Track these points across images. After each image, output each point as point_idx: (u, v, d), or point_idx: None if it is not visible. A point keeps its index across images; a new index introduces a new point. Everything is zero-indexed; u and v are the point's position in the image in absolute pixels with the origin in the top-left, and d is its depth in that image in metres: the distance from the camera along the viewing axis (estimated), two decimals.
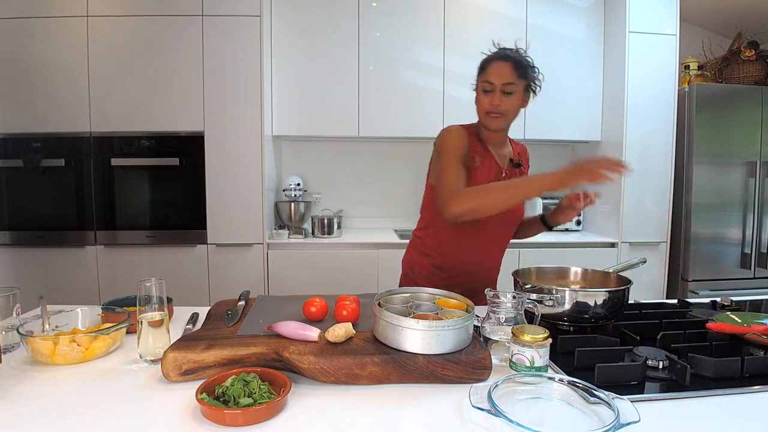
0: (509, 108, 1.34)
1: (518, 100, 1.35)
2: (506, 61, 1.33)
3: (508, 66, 1.33)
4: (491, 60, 1.36)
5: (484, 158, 1.40)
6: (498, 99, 1.33)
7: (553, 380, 0.83)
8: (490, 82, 1.33)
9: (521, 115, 2.81)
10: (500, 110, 1.34)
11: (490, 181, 1.38)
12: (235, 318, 1.04)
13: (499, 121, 1.36)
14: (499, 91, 1.33)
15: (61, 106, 2.45)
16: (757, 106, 2.67)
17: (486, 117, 1.37)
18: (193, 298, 2.49)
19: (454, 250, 1.44)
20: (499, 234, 1.47)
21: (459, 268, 1.45)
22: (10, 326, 1.01)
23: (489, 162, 1.41)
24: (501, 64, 1.33)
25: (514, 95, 1.34)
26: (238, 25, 2.48)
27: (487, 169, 1.40)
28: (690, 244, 2.70)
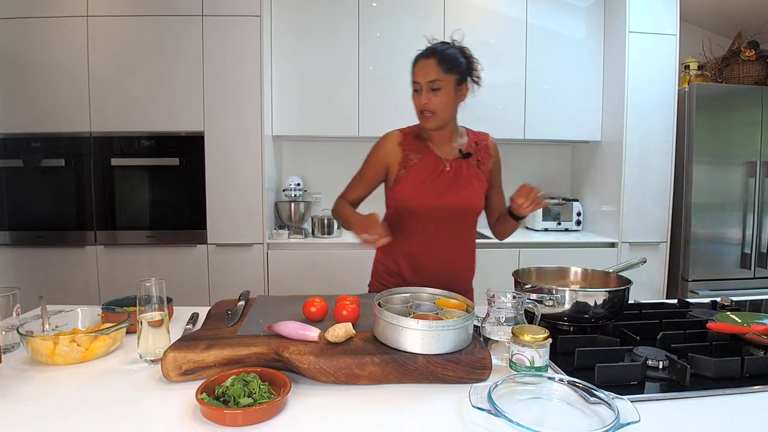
0: (439, 105, 1.33)
1: (448, 95, 1.34)
2: (430, 58, 1.32)
3: (433, 63, 1.31)
4: (417, 59, 1.35)
5: (421, 155, 1.41)
6: (425, 98, 1.33)
7: (553, 380, 0.83)
8: (416, 82, 1.34)
9: (521, 115, 2.86)
10: (430, 108, 1.33)
11: (428, 177, 1.39)
12: (235, 318, 1.04)
13: (432, 120, 1.35)
14: (426, 89, 1.32)
15: (61, 106, 2.45)
16: (757, 106, 2.67)
17: (420, 117, 1.38)
18: (193, 298, 2.49)
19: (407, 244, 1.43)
20: (450, 231, 1.43)
21: (414, 263, 1.44)
22: (10, 326, 1.01)
23: (427, 159, 1.41)
24: (425, 62, 1.33)
25: (443, 92, 1.32)
26: (238, 25, 2.48)
27: (423, 166, 1.40)
28: (690, 244, 2.70)
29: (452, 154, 1.44)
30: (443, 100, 1.34)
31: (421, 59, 1.34)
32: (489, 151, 1.49)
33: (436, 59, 1.32)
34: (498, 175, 1.53)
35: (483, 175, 1.46)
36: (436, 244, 1.42)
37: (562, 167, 3.32)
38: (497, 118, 2.86)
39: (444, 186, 1.40)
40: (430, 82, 1.31)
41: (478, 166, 1.45)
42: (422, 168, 1.40)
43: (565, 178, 3.33)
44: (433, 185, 1.39)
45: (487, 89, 2.91)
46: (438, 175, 1.40)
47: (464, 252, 1.49)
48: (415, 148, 1.42)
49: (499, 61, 2.82)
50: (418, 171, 1.40)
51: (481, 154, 1.47)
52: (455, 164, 1.43)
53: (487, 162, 1.48)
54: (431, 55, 1.33)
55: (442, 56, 1.32)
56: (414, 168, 1.40)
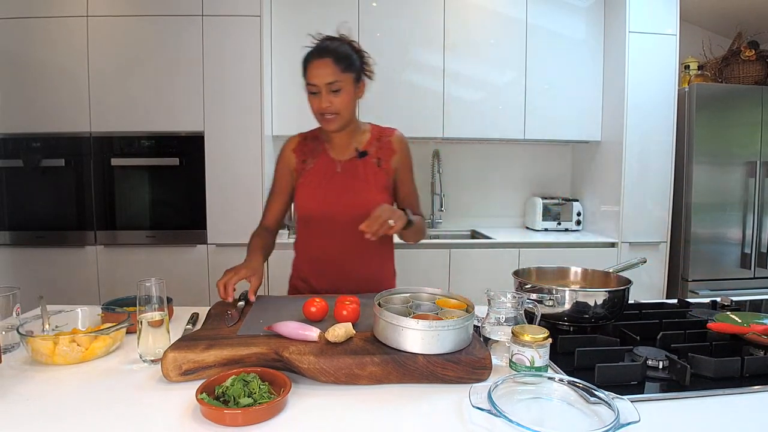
0: (341, 106, 1.28)
1: (349, 95, 1.29)
2: (325, 57, 1.25)
3: (329, 63, 1.25)
4: (310, 59, 1.27)
5: (316, 159, 1.39)
6: (327, 100, 1.27)
7: (553, 380, 0.83)
8: (313, 84, 1.26)
9: (521, 115, 2.86)
10: (332, 110, 1.28)
11: (320, 181, 1.36)
12: (235, 318, 1.04)
13: (335, 122, 1.30)
14: (325, 91, 1.26)
15: (61, 106, 2.45)
16: (757, 106, 2.67)
17: (321, 120, 1.32)
18: (193, 298, 2.49)
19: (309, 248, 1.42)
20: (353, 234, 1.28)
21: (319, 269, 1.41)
22: (10, 326, 1.01)
23: (322, 161, 1.38)
24: (321, 62, 1.25)
25: (343, 92, 1.27)
26: (238, 25, 2.48)
27: (317, 170, 1.38)
28: (690, 244, 2.70)
29: (348, 155, 1.39)
30: (345, 100, 1.28)
31: (314, 59, 1.26)
32: (392, 146, 1.41)
33: (332, 59, 1.25)
34: (406, 172, 1.44)
35: (383, 173, 1.39)
36: (339, 249, 1.37)
37: (562, 167, 3.32)
38: (497, 118, 2.86)
39: (337, 189, 1.35)
40: (329, 84, 1.25)
41: (378, 165, 1.38)
42: (315, 172, 1.37)
43: (565, 178, 3.33)
44: (326, 190, 1.35)
45: (487, 89, 2.95)
46: (330, 179, 1.36)
47: (373, 256, 1.41)
48: (310, 152, 1.39)
49: (499, 61, 2.82)
50: (311, 176, 1.37)
51: (382, 151, 1.40)
52: (349, 165, 1.38)
53: (389, 159, 1.40)
54: (325, 54, 1.26)
55: (337, 55, 1.26)
56: (309, 173, 1.38)
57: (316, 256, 1.42)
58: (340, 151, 1.40)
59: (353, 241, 1.33)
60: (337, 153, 1.40)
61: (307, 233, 1.43)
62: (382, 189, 1.39)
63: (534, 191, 3.28)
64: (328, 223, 1.36)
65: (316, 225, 1.38)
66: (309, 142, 1.42)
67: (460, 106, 2.82)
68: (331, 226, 1.36)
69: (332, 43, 1.29)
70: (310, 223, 1.40)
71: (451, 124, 2.83)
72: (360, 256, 1.39)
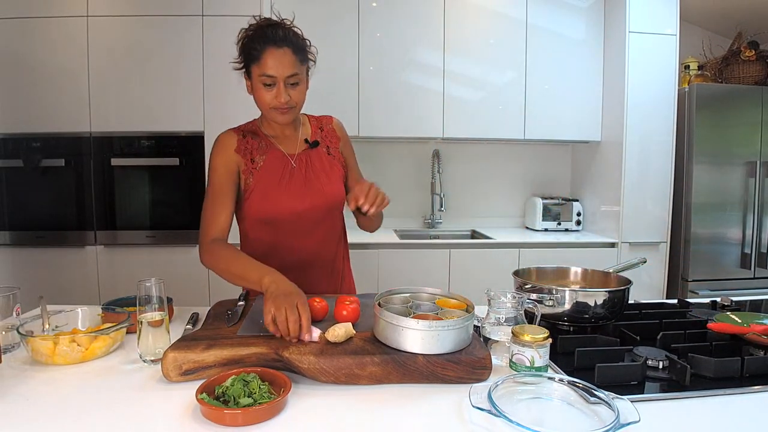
0: (298, 98, 1.20)
1: (304, 86, 1.22)
2: (284, 47, 1.14)
3: (289, 54, 1.15)
4: (265, 47, 1.15)
5: (266, 155, 1.27)
6: (284, 94, 1.16)
7: (553, 380, 0.83)
8: (270, 76, 1.15)
9: (521, 115, 2.86)
10: (290, 104, 1.19)
11: (277, 178, 1.25)
12: (235, 318, 1.04)
13: (289, 114, 1.21)
14: (283, 84, 1.16)
15: (61, 106, 2.45)
16: (757, 106, 2.67)
17: (274, 114, 1.21)
18: (193, 298, 2.49)
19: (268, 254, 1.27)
20: (316, 231, 1.31)
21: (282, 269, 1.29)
22: (10, 326, 1.01)
23: (273, 157, 1.27)
24: (278, 52, 1.14)
25: (301, 84, 1.19)
26: (238, 25, 2.44)
27: (271, 165, 1.26)
28: (690, 244, 2.70)
29: (298, 147, 1.31)
30: (302, 92, 1.21)
31: (271, 47, 1.14)
32: (336, 133, 1.37)
33: (291, 49, 1.15)
34: (351, 157, 1.41)
35: (336, 161, 1.34)
36: (299, 248, 1.29)
37: (562, 167, 3.32)
38: (497, 118, 2.86)
39: (298, 186, 1.27)
40: (289, 77, 1.16)
41: (329, 153, 1.34)
42: (269, 170, 1.26)
43: (565, 178, 3.33)
44: (286, 188, 1.26)
45: (487, 89, 2.94)
46: (289, 176, 1.27)
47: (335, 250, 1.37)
48: (256, 149, 1.27)
49: (499, 61, 2.82)
50: (265, 175, 1.25)
51: (328, 139, 1.35)
52: (303, 157, 1.30)
53: (336, 145, 1.36)
54: (284, 43, 1.15)
55: (296, 45, 1.17)
56: (261, 173, 1.25)
57: (274, 257, 1.26)
58: (289, 144, 1.31)
59: (316, 237, 1.31)
60: (287, 147, 1.30)
61: (264, 236, 1.29)
62: (339, 177, 1.34)
63: (534, 191, 3.28)
64: (292, 223, 1.27)
65: (277, 226, 1.27)
66: (250, 139, 1.28)
67: (460, 106, 2.82)
68: (295, 225, 1.27)
69: (285, 32, 1.17)
70: (269, 227, 1.27)
71: (451, 124, 2.83)
72: (321, 252, 1.33)
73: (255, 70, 1.18)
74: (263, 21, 1.22)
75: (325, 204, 1.30)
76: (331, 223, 1.35)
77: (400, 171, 3.18)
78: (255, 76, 1.19)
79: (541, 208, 3.02)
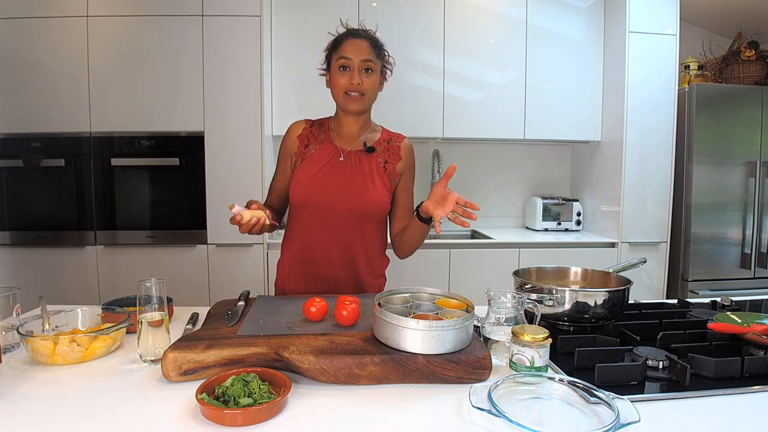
0: (369, 87, 1.28)
1: (377, 79, 1.30)
2: (362, 39, 1.28)
3: (365, 44, 1.27)
4: (346, 37, 1.29)
5: (319, 145, 1.34)
6: (357, 77, 1.26)
7: (553, 380, 0.83)
8: (347, 58, 1.26)
9: (521, 115, 2.86)
10: (361, 89, 1.26)
11: (320, 165, 1.31)
12: (235, 318, 1.04)
13: (360, 102, 1.29)
14: (357, 68, 1.26)
15: (61, 106, 2.45)
16: (757, 106, 2.67)
17: (345, 98, 1.29)
18: (193, 298, 2.49)
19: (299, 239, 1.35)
20: (349, 232, 1.32)
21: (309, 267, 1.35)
22: (10, 326, 1.01)
23: (325, 148, 1.34)
24: (357, 41, 1.27)
25: (374, 74, 1.28)
26: (238, 25, 2.48)
27: (321, 154, 1.33)
28: (690, 244, 2.70)
29: (354, 146, 1.34)
30: (374, 82, 1.29)
31: (350, 38, 1.28)
32: (400, 153, 1.39)
33: (369, 42, 1.28)
34: (409, 181, 1.42)
35: (387, 176, 1.35)
36: (327, 244, 1.31)
37: (562, 167, 3.32)
38: (497, 118, 2.86)
39: (339, 178, 1.30)
40: (364, 61, 1.26)
41: (384, 166, 1.35)
42: (317, 158, 1.32)
43: (565, 178, 3.33)
44: (325, 177, 1.30)
45: (487, 89, 2.94)
46: (332, 166, 1.31)
47: (360, 259, 1.35)
48: (314, 138, 1.35)
49: (499, 61, 2.82)
50: (312, 162, 1.32)
51: (389, 154, 1.37)
52: (353, 156, 1.33)
53: (395, 163, 1.37)
54: (362, 36, 1.28)
55: (374, 40, 1.30)
56: (310, 159, 1.33)
57: (307, 255, 1.34)
58: (347, 141, 1.36)
59: (345, 238, 1.32)
60: (343, 143, 1.35)
61: (300, 223, 1.34)
62: (385, 189, 1.34)
63: (534, 191, 3.28)
64: (324, 212, 1.30)
65: (309, 213, 1.31)
66: (315, 129, 1.38)
67: (460, 106, 2.82)
68: (326, 217, 1.30)
69: (367, 31, 1.31)
70: (304, 210, 1.32)
71: (451, 124, 2.83)
72: (349, 256, 1.34)
73: (334, 57, 1.29)
74: (346, 25, 1.35)
75: (360, 206, 1.30)
76: (364, 231, 1.34)
77: None
78: (333, 62, 1.29)
79: (541, 208, 3.02)
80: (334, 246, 1.33)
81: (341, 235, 1.32)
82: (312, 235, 1.33)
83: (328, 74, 1.35)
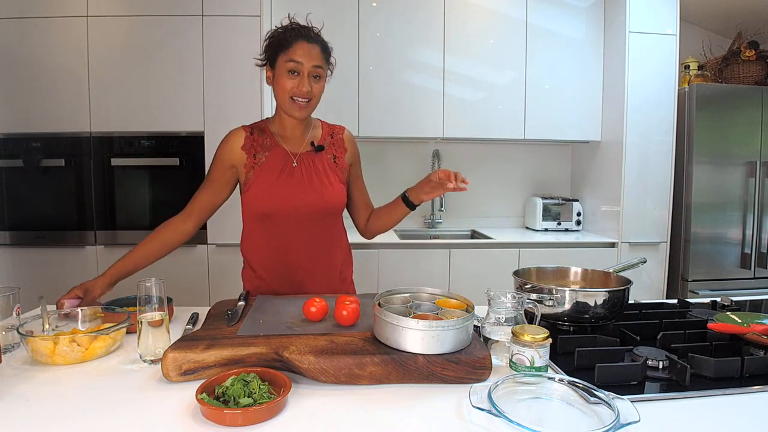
0: (317, 93, 1.26)
1: (324, 84, 1.28)
2: (313, 43, 1.24)
3: (317, 48, 1.24)
4: (296, 39, 1.22)
5: (269, 152, 1.31)
6: (307, 84, 1.22)
7: (553, 380, 0.83)
8: (297, 62, 1.21)
9: (521, 115, 2.86)
10: (309, 96, 1.24)
11: (276, 174, 1.29)
12: (235, 318, 1.04)
13: (306, 109, 1.26)
14: (307, 74, 1.22)
15: (61, 106, 2.45)
16: (757, 106, 2.67)
17: (291, 105, 1.25)
18: (193, 298, 2.49)
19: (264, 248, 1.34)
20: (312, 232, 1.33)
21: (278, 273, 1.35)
22: (10, 326, 1.01)
23: (276, 154, 1.31)
24: (308, 45, 1.22)
25: (321, 80, 1.27)
26: (238, 25, 2.48)
27: (273, 162, 1.30)
28: (690, 244, 2.70)
29: (302, 148, 1.34)
30: (321, 88, 1.27)
31: (301, 40, 1.22)
32: (344, 144, 1.40)
33: (320, 47, 1.25)
34: (358, 169, 1.45)
35: (339, 170, 1.37)
36: (299, 245, 1.32)
37: (562, 167, 3.32)
38: (497, 118, 2.86)
39: (296, 184, 1.30)
40: (315, 68, 1.23)
41: (334, 161, 1.36)
42: (270, 167, 1.30)
43: (565, 178, 3.33)
44: (284, 184, 1.29)
45: (487, 89, 2.94)
46: (288, 173, 1.30)
47: (333, 254, 1.39)
48: (260, 146, 1.32)
49: (499, 61, 2.82)
50: (266, 171, 1.30)
51: (336, 148, 1.38)
52: (306, 158, 1.33)
53: (342, 156, 1.38)
54: (314, 40, 1.24)
55: (324, 45, 1.27)
56: (262, 168, 1.30)
57: (272, 255, 1.33)
58: (294, 144, 1.34)
59: (312, 238, 1.33)
60: (291, 146, 1.34)
61: (262, 233, 1.33)
62: (340, 182, 1.36)
63: (534, 191, 3.28)
64: (287, 219, 1.30)
65: (273, 222, 1.30)
66: (257, 136, 1.33)
67: (460, 106, 2.82)
68: (291, 223, 1.30)
69: (317, 34, 1.27)
70: (266, 221, 1.31)
71: (451, 124, 2.83)
72: (318, 255, 1.35)
73: (282, 57, 1.23)
74: (294, 23, 1.29)
75: (323, 205, 1.32)
76: (329, 227, 1.37)
77: (400, 171, 3.18)
78: (281, 63, 1.23)
79: (541, 208, 3.02)
80: (305, 248, 1.33)
81: (310, 236, 1.33)
82: (279, 242, 1.33)
83: (270, 71, 1.28)
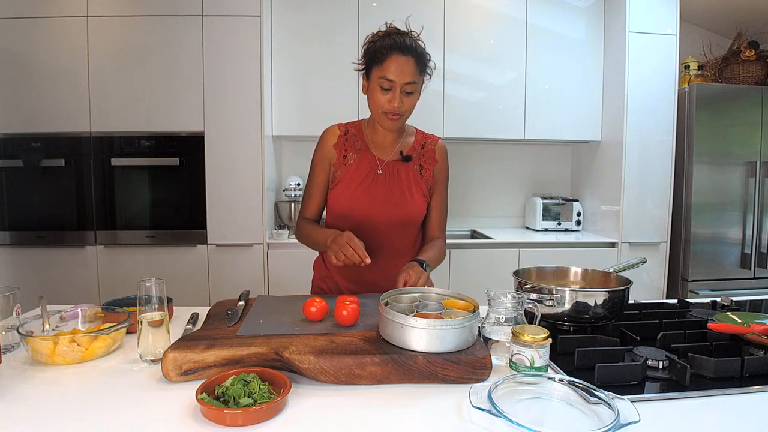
0: (409, 108, 1.24)
1: (418, 97, 1.25)
2: (409, 55, 1.19)
3: (411, 62, 1.19)
4: (390, 53, 1.19)
5: (357, 155, 1.32)
6: (398, 100, 1.20)
7: (553, 380, 0.83)
8: (389, 80, 1.19)
9: (521, 115, 2.86)
10: (400, 111, 1.22)
11: (361, 178, 1.30)
12: (235, 318, 1.04)
13: (397, 122, 1.26)
14: (399, 90, 1.20)
15: (61, 106, 2.45)
16: (757, 106, 2.67)
17: (383, 117, 1.25)
18: (193, 298, 2.49)
19: None
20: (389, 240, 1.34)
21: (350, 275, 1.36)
22: (10, 326, 1.01)
23: (364, 158, 1.32)
24: (403, 59, 1.18)
25: (416, 94, 1.23)
26: (238, 25, 2.48)
27: (360, 165, 1.31)
28: (690, 244, 2.70)
29: (390, 155, 1.34)
30: (414, 102, 1.24)
31: (397, 54, 1.19)
32: (435, 156, 1.39)
33: (415, 59, 1.20)
34: (441, 185, 1.41)
35: (423, 182, 1.36)
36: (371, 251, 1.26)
37: (562, 167, 3.32)
38: (497, 118, 2.86)
39: (378, 192, 1.31)
40: (407, 84, 1.20)
41: (420, 172, 1.35)
42: (356, 170, 1.31)
43: (565, 178, 3.33)
44: (365, 192, 1.30)
45: (487, 89, 2.94)
46: (372, 180, 1.31)
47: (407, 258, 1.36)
48: (351, 147, 1.33)
49: (499, 61, 2.82)
50: (351, 174, 1.31)
51: (425, 158, 1.37)
52: (392, 166, 1.33)
53: (430, 168, 1.37)
54: (409, 52, 1.19)
55: (420, 57, 1.21)
56: (349, 170, 1.31)
57: None
58: (384, 150, 1.35)
59: (387, 244, 1.34)
60: (380, 152, 1.34)
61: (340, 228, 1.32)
62: (422, 197, 1.35)
63: (534, 191, 3.28)
64: (365, 224, 1.31)
65: (350, 225, 1.30)
66: (350, 137, 1.35)
67: (460, 106, 2.82)
68: (367, 228, 1.31)
69: (413, 42, 1.22)
70: (344, 222, 1.32)
71: (451, 124, 2.83)
72: (391, 260, 1.34)
73: (376, 72, 1.22)
74: (392, 29, 1.27)
75: (400, 217, 1.33)
76: (406, 234, 1.38)
77: None
78: (374, 77, 1.23)
79: (541, 208, 3.02)
80: (380, 251, 1.33)
81: (387, 241, 1.34)
82: None
83: (366, 82, 1.28)
